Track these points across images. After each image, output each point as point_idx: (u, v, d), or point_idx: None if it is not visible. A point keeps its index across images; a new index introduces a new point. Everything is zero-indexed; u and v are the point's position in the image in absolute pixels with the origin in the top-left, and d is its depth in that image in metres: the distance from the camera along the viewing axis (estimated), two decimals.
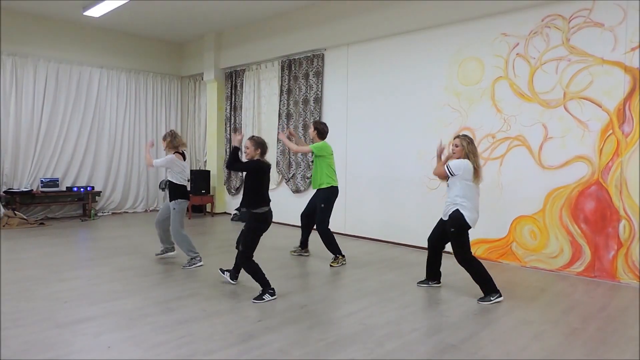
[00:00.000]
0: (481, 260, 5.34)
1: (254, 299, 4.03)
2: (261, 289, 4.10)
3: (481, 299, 4.13)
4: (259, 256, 4.24)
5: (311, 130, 5.60)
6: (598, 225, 4.89)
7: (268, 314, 3.76)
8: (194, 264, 5.13)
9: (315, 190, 5.57)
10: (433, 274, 4.61)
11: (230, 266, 4.67)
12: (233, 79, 9.35)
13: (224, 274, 4.65)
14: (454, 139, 4.30)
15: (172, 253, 5.50)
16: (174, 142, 5.23)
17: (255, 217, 4.12)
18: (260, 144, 4.18)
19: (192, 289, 4.38)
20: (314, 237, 5.75)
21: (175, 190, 5.15)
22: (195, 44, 10.03)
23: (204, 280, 4.69)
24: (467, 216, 4.10)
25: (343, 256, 5.44)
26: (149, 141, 5.70)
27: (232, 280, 4.56)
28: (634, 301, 4.19)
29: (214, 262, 5.28)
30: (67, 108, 8.82)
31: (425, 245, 6.24)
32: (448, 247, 4.42)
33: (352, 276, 4.97)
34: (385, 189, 6.79)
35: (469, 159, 4.15)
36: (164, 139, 5.29)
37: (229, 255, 5.88)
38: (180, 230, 5.12)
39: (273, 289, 4.11)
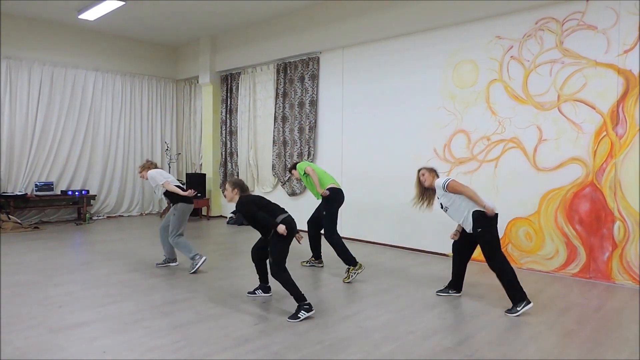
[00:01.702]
0: (477, 262, 5.38)
1: (289, 318, 3.65)
2: (296, 305, 3.73)
3: (509, 311, 3.85)
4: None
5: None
6: (593, 227, 4.92)
7: (264, 317, 3.75)
8: (197, 263, 5.00)
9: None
10: (456, 282, 4.38)
11: (230, 270, 4.64)
12: (228, 82, 9.35)
13: (255, 292, 4.28)
14: (418, 172, 4.35)
15: (173, 264, 5.37)
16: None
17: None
18: (237, 185, 4.04)
19: (187, 293, 4.36)
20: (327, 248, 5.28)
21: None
22: (191, 47, 10.03)
23: (199, 284, 4.67)
24: (485, 207, 3.90)
25: (358, 265, 4.90)
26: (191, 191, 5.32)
27: (268, 293, 4.27)
28: (629, 302, 4.21)
29: (211, 264, 5.25)
30: (62, 111, 8.79)
31: (424, 248, 6.38)
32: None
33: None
34: (381, 191, 6.80)
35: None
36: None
37: (226, 257, 5.88)
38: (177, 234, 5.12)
39: (309, 304, 3.72)
